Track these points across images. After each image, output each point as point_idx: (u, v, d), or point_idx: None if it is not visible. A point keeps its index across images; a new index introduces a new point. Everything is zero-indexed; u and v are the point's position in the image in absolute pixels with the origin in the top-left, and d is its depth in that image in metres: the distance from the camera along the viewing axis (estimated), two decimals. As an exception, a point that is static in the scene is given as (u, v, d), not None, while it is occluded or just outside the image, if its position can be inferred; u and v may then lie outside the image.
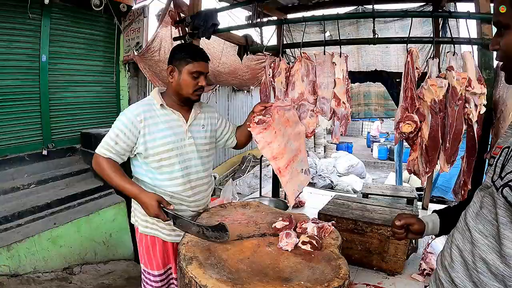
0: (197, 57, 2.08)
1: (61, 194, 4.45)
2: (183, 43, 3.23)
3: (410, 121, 2.35)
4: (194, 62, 2.06)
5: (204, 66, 2.12)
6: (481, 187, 1.19)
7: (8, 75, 4.49)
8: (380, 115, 5.47)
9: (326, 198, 3.70)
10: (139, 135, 2.02)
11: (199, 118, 2.26)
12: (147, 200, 1.91)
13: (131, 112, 2.03)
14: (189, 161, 2.16)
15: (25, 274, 3.57)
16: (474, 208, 1.14)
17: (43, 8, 4.64)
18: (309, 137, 2.75)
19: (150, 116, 2.05)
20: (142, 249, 2.24)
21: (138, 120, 2.01)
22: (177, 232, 2.14)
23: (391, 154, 14.96)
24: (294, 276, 1.46)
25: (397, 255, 2.56)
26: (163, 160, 2.06)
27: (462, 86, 2.21)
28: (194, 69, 2.05)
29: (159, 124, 2.06)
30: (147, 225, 2.18)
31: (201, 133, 2.25)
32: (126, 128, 1.99)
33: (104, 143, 2.01)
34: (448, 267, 1.17)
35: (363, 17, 4.38)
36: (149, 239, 2.20)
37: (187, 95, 2.10)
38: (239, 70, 5.48)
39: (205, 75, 2.13)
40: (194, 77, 2.06)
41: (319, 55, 2.69)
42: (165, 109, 2.11)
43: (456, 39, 2.59)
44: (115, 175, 1.99)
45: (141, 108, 2.05)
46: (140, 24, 5.58)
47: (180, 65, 2.07)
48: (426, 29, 4.52)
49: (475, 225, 1.09)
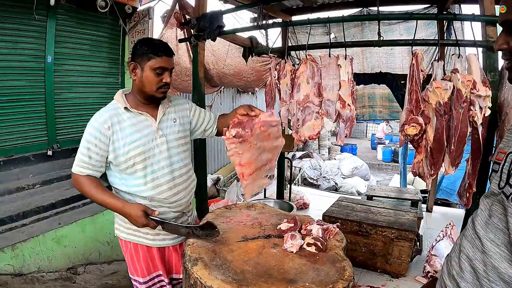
0: (160, 52, 1.94)
1: (66, 194, 4.47)
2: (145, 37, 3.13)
3: (415, 124, 2.35)
4: (157, 58, 1.92)
5: (168, 62, 1.98)
6: (486, 194, 1.17)
7: (13, 75, 4.50)
8: (384, 117, 5.47)
9: (331, 200, 3.70)
10: (109, 143, 1.93)
11: (168, 113, 2.14)
12: (132, 212, 1.84)
13: (96, 120, 1.93)
14: (164, 160, 2.06)
15: (29, 273, 3.58)
16: (483, 216, 1.12)
17: (48, 9, 4.65)
18: (314, 139, 2.76)
19: (117, 121, 1.95)
20: (127, 256, 2.17)
21: (106, 127, 1.91)
22: (162, 236, 2.11)
23: (396, 156, 14.94)
24: (299, 277, 1.46)
25: (401, 257, 2.56)
26: (136, 165, 1.97)
27: (467, 89, 2.20)
28: (157, 65, 1.92)
29: (126, 129, 1.96)
30: (130, 232, 2.11)
31: (173, 127, 2.14)
32: (95, 139, 1.90)
33: (78, 161, 1.94)
34: (456, 276, 1.15)
35: (368, 19, 4.37)
36: (132, 246, 2.13)
37: (151, 92, 1.98)
38: (244, 72, 5.49)
39: (169, 71, 2.00)
40: (157, 74, 1.94)
41: (324, 57, 2.69)
42: (130, 112, 1.99)
43: (461, 42, 2.59)
44: (96, 191, 1.92)
45: (106, 115, 1.95)
46: (145, 25, 5.59)
47: (142, 61, 1.94)
48: (430, 31, 4.52)
49: (485, 234, 1.07)
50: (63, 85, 5.08)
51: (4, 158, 4.47)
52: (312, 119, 2.72)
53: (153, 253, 2.15)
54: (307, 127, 2.75)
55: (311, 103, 2.73)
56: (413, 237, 2.67)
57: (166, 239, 2.15)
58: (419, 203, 4.25)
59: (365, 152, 18.19)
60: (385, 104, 5.28)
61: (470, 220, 1.20)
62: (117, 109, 1.98)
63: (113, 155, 1.95)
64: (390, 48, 4.84)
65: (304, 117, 2.74)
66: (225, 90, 9.25)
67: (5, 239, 3.57)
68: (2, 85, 4.39)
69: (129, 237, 2.12)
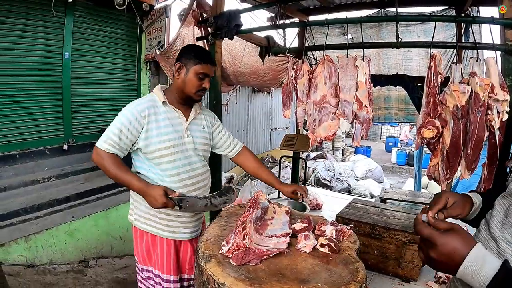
0: (206, 59, 2.13)
1: (80, 188, 4.53)
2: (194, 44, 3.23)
3: (432, 127, 2.33)
4: (203, 64, 2.10)
5: (211, 69, 2.15)
6: (503, 195, 1.14)
7: (32, 70, 4.60)
8: (400, 119, 5.42)
9: (344, 201, 3.68)
10: (141, 131, 2.04)
11: (198, 119, 2.31)
12: (153, 192, 1.94)
13: (135, 107, 2.05)
14: (189, 158, 2.19)
15: (41, 265, 3.64)
16: (499, 217, 1.09)
17: (66, 6, 4.73)
18: (330, 140, 2.75)
19: (153, 112, 2.08)
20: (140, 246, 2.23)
21: (142, 116, 2.03)
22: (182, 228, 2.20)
23: (410, 160, 14.78)
24: (311, 278, 1.45)
25: (414, 261, 2.54)
26: (164, 157, 2.09)
27: (485, 92, 2.18)
28: (201, 70, 2.10)
29: (161, 121, 2.09)
30: (150, 223, 2.18)
31: (200, 132, 2.29)
32: (130, 124, 2.01)
33: (107, 138, 2.00)
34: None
35: (387, 20, 4.35)
36: (150, 237, 2.20)
37: (190, 94, 2.14)
38: (260, 71, 5.50)
39: (209, 78, 2.17)
40: (199, 78, 2.11)
41: (342, 58, 2.68)
42: (167, 106, 2.15)
43: (479, 45, 2.56)
44: (120, 171, 1.99)
45: (145, 104, 2.08)
46: (162, 23, 5.63)
47: (188, 64, 2.11)
48: (448, 33, 4.47)
49: (501, 235, 1.04)
50: (79, 81, 5.17)
51: (20, 151, 4.56)
52: (328, 120, 2.71)
53: (170, 245, 2.20)
54: (323, 127, 2.74)
55: (328, 104, 2.72)
56: (426, 241, 2.63)
57: (185, 233, 2.21)
58: (433, 207, 4.20)
59: (379, 154, 18.04)
60: (401, 106, 5.24)
61: (483, 222, 1.17)
62: (155, 102, 2.13)
63: (144, 143, 2.05)
64: (407, 50, 4.80)
65: (320, 118, 2.73)
66: (240, 89, 9.26)
67: (19, 231, 3.63)
68: (20, 79, 4.49)
69: (148, 228, 2.18)
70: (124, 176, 2.00)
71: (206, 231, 1.85)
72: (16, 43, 4.39)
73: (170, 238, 2.19)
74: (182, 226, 2.19)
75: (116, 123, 2.02)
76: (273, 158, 10.99)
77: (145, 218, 2.18)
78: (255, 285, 1.35)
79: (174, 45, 4.91)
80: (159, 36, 5.66)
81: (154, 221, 2.16)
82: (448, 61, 4.33)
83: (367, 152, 16.31)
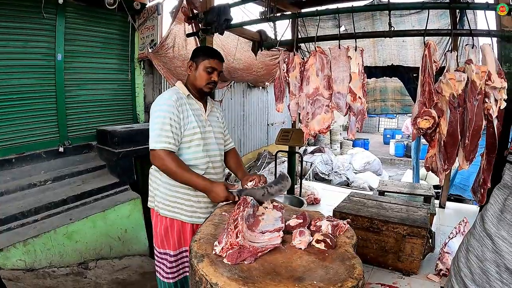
0: (213, 55, 2.37)
1: (77, 190, 4.49)
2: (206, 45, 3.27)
3: (428, 117, 2.29)
4: (210, 59, 2.34)
5: (218, 64, 2.38)
6: (498, 186, 1.09)
7: (24, 74, 4.55)
8: (396, 111, 5.39)
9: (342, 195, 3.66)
10: (181, 118, 2.25)
11: (214, 111, 2.56)
12: (216, 189, 2.13)
13: (169, 99, 2.25)
14: (210, 145, 2.42)
15: (40, 268, 3.61)
16: (494, 211, 1.04)
17: (57, 7, 4.69)
18: (324, 133, 2.72)
19: (182, 103, 2.30)
20: (160, 230, 2.39)
21: (178, 104, 2.25)
22: (198, 213, 2.37)
23: (408, 151, 14.78)
24: (307, 275, 1.43)
25: (413, 254, 2.51)
26: (192, 141, 2.31)
27: (482, 80, 2.14)
28: (209, 65, 2.33)
29: (188, 111, 2.31)
30: (169, 209, 2.35)
31: (217, 122, 2.54)
32: (173, 114, 2.20)
33: (159, 137, 2.16)
34: (464, 278, 1.07)
35: (378, 9, 4.30)
36: (168, 221, 2.36)
37: (200, 86, 2.36)
38: (254, 66, 5.47)
39: (218, 72, 2.39)
40: (208, 72, 2.34)
41: (334, 49, 2.64)
42: (191, 99, 2.38)
43: (474, 31, 2.53)
44: (181, 171, 2.16)
45: (175, 96, 2.27)
46: (154, 21, 5.58)
47: (198, 60, 2.35)
48: (443, 22, 4.43)
49: (497, 232, 0.99)
50: (73, 82, 5.13)
51: (16, 155, 4.53)
52: (322, 113, 2.68)
53: (186, 229, 2.39)
54: (317, 120, 2.71)
55: (321, 96, 2.69)
56: (425, 233, 2.61)
57: (201, 217, 2.36)
58: (432, 199, 4.18)
59: (377, 147, 18.03)
60: (397, 97, 5.21)
61: (478, 217, 1.12)
62: (181, 94, 2.35)
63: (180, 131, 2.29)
64: (402, 40, 4.76)
65: (313, 111, 2.70)
66: (235, 85, 9.23)
67: (17, 235, 3.60)
68: (13, 83, 4.45)
69: (168, 213, 2.36)
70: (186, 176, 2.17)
71: (199, 230, 1.83)
72: (7, 46, 4.34)
73: (187, 222, 2.37)
74: (199, 211, 2.37)
75: (158, 120, 2.19)
76: (270, 153, 10.95)
77: (164, 205, 2.36)
78: (249, 285, 1.32)
79: (165, 43, 4.87)
80: (152, 35, 5.62)
81: (173, 207, 2.35)
82: (443, 51, 4.30)
83: (365, 144, 16.33)
